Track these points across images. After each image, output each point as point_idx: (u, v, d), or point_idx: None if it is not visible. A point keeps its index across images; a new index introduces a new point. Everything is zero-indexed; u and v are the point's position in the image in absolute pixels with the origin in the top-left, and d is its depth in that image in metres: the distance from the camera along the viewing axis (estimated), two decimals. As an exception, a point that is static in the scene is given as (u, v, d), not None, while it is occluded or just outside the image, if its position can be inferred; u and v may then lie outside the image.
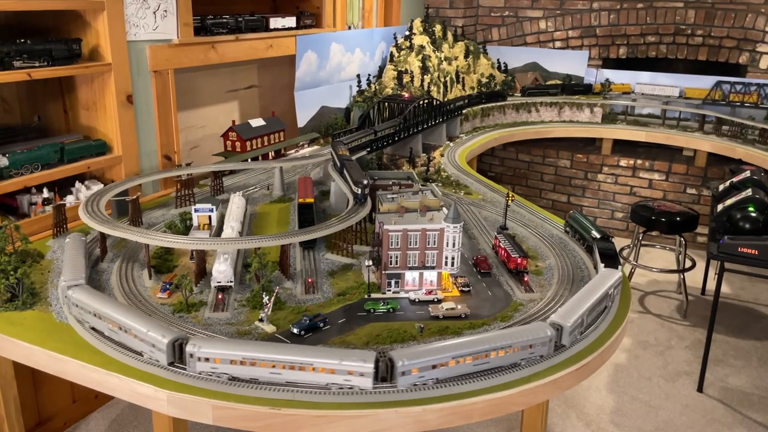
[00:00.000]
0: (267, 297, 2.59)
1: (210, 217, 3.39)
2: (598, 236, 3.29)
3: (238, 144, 4.65)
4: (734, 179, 4.87)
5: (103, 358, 2.37)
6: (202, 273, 2.94)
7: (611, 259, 3.06)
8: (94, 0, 3.64)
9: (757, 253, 4.00)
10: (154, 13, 4.06)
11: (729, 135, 6.28)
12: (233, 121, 4.82)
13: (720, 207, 4.49)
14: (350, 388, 2.16)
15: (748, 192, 4.44)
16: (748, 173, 4.87)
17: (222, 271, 2.78)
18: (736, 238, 4.09)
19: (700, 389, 4.46)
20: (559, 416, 4.14)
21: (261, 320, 2.57)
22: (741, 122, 6.15)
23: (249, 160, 4.55)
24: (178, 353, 2.25)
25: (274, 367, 2.16)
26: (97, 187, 3.88)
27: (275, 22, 5.07)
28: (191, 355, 2.19)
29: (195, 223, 3.39)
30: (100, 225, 3.03)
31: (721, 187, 4.91)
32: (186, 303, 2.69)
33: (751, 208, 4.29)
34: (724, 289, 5.97)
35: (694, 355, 4.88)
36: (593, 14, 7.39)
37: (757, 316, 5.57)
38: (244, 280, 2.89)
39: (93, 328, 2.46)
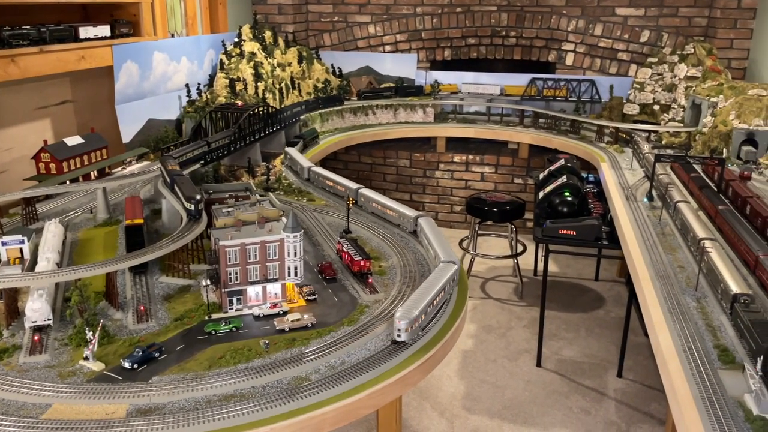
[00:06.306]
0: (91, 332, 2.36)
1: (21, 249, 3.03)
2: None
3: (53, 165, 4.23)
4: (551, 167, 5.31)
5: None
6: (14, 313, 2.61)
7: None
8: None
9: (575, 233, 4.40)
10: (-66, 23, 3.55)
11: (545, 127, 6.87)
12: (45, 141, 4.37)
13: (541, 194, 4.88)
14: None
15: (563, 178, 4.87)
16: (562, 161, 5.34)
17: (37, 309, 2.50)
18: (556, 221, 4.46)
19: (539, 364, 4.82)
20: (415, 409, 4.25)
21: (86, 358, 2.34)
22: (554, 115, 6.76)
23: (68, 182, 4.15)
24: None
25: None
26: None
27: (86, 32, 4.68)
28: None
29: (3, 257, 3.02)
30: None
31: (541, 176, 5.34)
32: (-5, 350, 2.38)
33: (567, 193, 4.71)
34: (552, 268, 6.53)
35: (531, 333, 5.27)
36: (418, 18, 7.71)
37: (582, 290, 6.15)
38: (65, 316, 2.62)
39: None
